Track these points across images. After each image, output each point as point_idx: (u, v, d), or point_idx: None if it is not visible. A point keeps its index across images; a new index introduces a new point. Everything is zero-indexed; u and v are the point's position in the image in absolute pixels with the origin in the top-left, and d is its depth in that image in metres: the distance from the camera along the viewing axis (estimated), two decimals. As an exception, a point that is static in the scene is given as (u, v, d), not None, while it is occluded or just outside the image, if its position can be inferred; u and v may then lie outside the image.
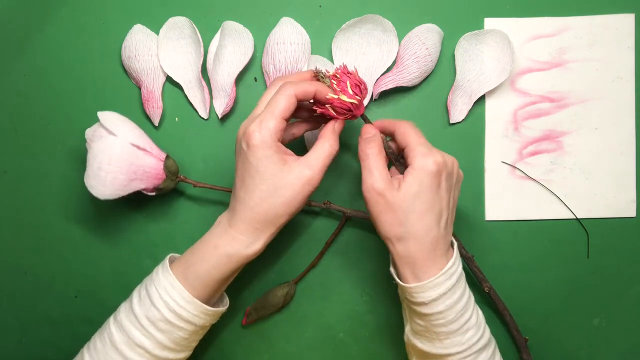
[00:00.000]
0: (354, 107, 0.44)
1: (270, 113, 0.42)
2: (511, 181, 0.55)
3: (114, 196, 0.48)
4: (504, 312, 0.53)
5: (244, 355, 0.56)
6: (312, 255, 0.55)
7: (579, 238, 0.55)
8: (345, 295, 0.56)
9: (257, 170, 0.42)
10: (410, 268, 0.42)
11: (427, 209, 0.41)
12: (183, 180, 0.52)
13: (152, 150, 0.50)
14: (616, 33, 0.54)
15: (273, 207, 0.42)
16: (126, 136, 0.48)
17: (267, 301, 0.54)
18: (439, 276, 0.41)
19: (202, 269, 0.43)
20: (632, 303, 0.55)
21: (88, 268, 0.56)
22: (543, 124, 0.55)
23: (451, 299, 0.42)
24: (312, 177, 0.42)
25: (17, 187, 0.56)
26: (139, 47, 0.54)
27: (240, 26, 0.53)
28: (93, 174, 0.47)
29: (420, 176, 0.41)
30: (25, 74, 0.56)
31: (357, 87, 0.44)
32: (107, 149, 0.47)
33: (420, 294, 0.42)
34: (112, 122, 0.49)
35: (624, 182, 0.55)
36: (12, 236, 0.57)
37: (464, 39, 0.54)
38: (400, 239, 0.42)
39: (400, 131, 0.45)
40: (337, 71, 0.45)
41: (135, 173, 0.49)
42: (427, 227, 0.42)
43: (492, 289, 0.53)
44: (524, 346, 0.53)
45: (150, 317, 0.42)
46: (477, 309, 0.44)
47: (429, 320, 0.42)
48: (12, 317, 0.57)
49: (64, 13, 0.56)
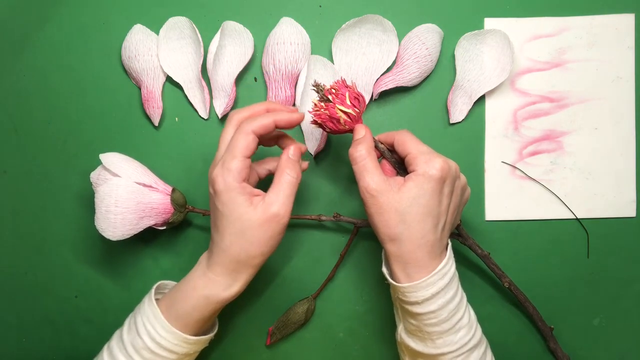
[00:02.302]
0: (353, 118, 0.44)
1: (231, 155, 0.42)
2: (511, 181, 0.55)
3: (125, 236, 0.49)
4: (526, 304, 0.53)
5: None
6: (323, 267, 0.55)
7: (579, 238, 0.55)
8: (345, 295, 0.56)
9: (223, 215, 0.42)
10: (403, 268, 0.42)
11: (425, 213, 0.41)
12: (192, 211, 0.52)
13: (158, 185, 0.51)
14: (616, 33, 0.54)
15: (244, 250, 0.42)
16: (130, 176, 0.49)
17: (288, 319, 0.54)
18: (432, 276, 0.41)
19: (182, 310, 0.43)
20: (632, 303, 0.55)
21: (88, 268, 0.56)
22: (543, 124, 0.55)
23: (443, 299, 0.42)
24: (277, 213, 0.41)
25: (17, 187, 0.56)
26: (139, 47, 0.54)
27: (240, 26, 0.53)
28: (102, 218, 0.48)
29: (421, 181, 0.41)
30: (25, 74, 0.56)
31: (356, 99, 0.44)
32: (113, 192, 0.48)
33: (412, 293, 0.42)
34: (115, 164, 0.49)
35: (624, 182, 0.55)
36: (12, 236, 0.57)
37: (464, 39, 0.54)
38: (395, 239, 0.42)
39: (398, 141, 0.44)
40: (336, 84, 0.44)
41: (144, 211, 0.49)
42: (424, 231, 0.41)
43: (512, 283, 0.52)
44: (550, 335, 0.53)
45: (135, 345, 0.43)
46: (469, 308, 0.44)
47: (421, 320, 0.42)
48: (12, 317, 0.57)
49: (64, 13, 0.56)
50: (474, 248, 0.51)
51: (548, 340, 0.53)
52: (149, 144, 0.56)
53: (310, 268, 0.56)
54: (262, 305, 0.56)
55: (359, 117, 0.45)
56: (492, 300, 0.55)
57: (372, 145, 0.44)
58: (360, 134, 0.44)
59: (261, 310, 0.56)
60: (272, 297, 0.56)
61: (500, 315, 0.55)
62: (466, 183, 0.46)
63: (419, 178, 0.41)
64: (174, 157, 0.56)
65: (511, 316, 0.55)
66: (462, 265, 0.55)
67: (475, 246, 0.52)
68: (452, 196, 0.43)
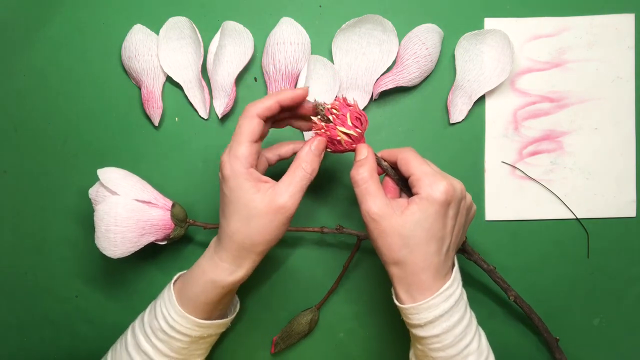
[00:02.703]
0: (354, 139, 0.43)
1: (237, 140, 0.42)
2: (511, 181, 0.55)
3: (125, 254, 0.49)
4: (532, 315, 0.52)
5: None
6: (326, 277, 0.55)
7: (579, 238, 0.55)
8: (346, 295, 0.56)
9: (230, 200, 0.42)
10: (407, 289, 0.41)
11: (429, 237, 0.40)
12: (193, 225, 0.52)
13: (158, 201, 0.50)
14: (616, 33, 0.54)
15: (248, 237, 0.42)
16: (129, 193, 0.48)
17: (292, 330, 0.54)
18: (435, 297, 0.40)
19: (192, 292, 0.44)
20: (632, 303, 0.55)
21: (88, 268, 0.56)
22: (543, 124, 0.55)
23: (448, 322, 0.40)
24: (283, 205, 0.41)
25: (17, 187, 0.56)
26: (139, 47, 0.54)
27: (240, 26, 0.53)
28: (102, 237, 0.48)
29: (425, 205, 0.40)
30: (25, 74, 0.56)
31: (358, 119, 0.43)
32: (112, 210, 0.47)
33: (415, 315, 0.40)
34: (113, 181, 0.48)
35: (624, 182, 0.55)
36: (12, 236, 0.57)
37: (464, 39, 0.54)
38: (398, 263, 0.40)
39: (402, 160, 0.43)
40: (336, 103, 0.43)
41: (144, 228, 0.49)
42: (428, 254, 0.40)
43: (518, 296, 0.52)
44: (556, 346, 0.53)
45: (153, 326, 0.44)
46: (479, 333, 0.42)
47: (426, 344, 0.41)
48: (12, 317, 0.57)
49: (64, 13, 0.56)
50: (480, 263, 0.51)
51: (554, 352, 0.53)
52: (149, 144, 0.56)
53: (313, 278, 0.56)
54: (266, 314, 0.56)
55: (360, 137, 0.43)
56: (495, 315, 0.55)
57: (374, 167, 0.42)
58: (362, 154, 0.43)
59: (266, 319, 0.56)
60: (276, 307, 0.56)
61: (501, 330, 0.55)
62: (472, 201, 0.44)
63: (423, 202, 0.40)
64: (174, 157, 0.56)
65: (517, 328, 0.55)
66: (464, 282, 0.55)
67: (481, 261, 0.51)
68: (457, 217, 0.42)
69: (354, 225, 0.55)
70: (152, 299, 0.47)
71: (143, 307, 0.47)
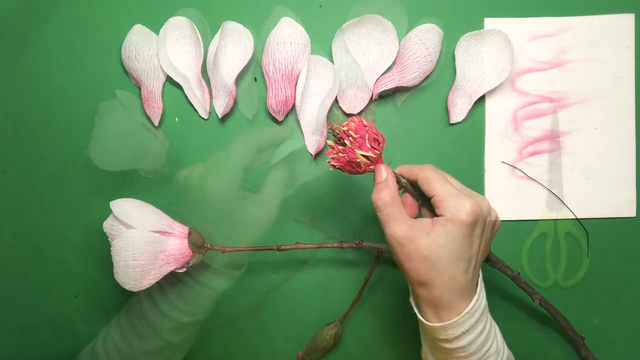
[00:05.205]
0: (373, 160, 0.42)
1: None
2: (511, 181, 0.55)
3: (146, 286, 0.47)
4: (558, 316, 0.52)
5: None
6: (347, 289, 0.56)
7: (579, 238, 0.55)
8: (346, 295, 0.56)
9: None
10: (434, 310, 0.41)
11: (456, 259, 0.39)
12: (211, 249, 0.51)
13: (174, 229, 0.49)
14: (616, 33, 0.54)
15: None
16: (144, 225, 0.46)
17: (317, 344, 0.54)
18: (462, 316, 0.40)
19: None
20: (632, 303, 0.55)
21: (88, 268, 0.56)
22: (543, 124, 0.55)
23: (473, 334, 0.41)
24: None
25: (17, 187, 0.56)
26: (139, 47, 0.54)
27: (240, 26, 0.53)
28: (121, 272, 0.46)
29: (450, 228, 0.39)
30: (25, 74, 0.56)
31: (375, 140, 0.41)
32: (129, 245, 0.46)
33: (442, 332, 0.41)
34: (127, 214, 0.46)
35: (624, 182, 0.55)
36: (12, 236, 0.57)
37: (464, 39, 0.54)
38: (425, 284, 0.40)
39: (423, 180, 0.42)
40: (352, 125, 0.41)
41: (162, 259, 0.47)
42: (455, 276, 0.40)
43: (543, 299, 0.52)
44: (582, 344, 0.54)
45: None
46: (496, 334, 0.43)
47: (451, 353, 0.42)
48: (12, 317, 0.57)
49: (64, 13, 0.56)
50: (504, 270, 0.50)
51: (580, 349, 0.54)
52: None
53: (335, 292, 0.56)
54: (289, 329, 0.56)
55: (379, 157, 0.42)
56: (517, 318, 0.56)
57: (395, 190, 0.41)
58: (382, 176, 0.42)
59: (291, 334, 0.56)
60: (299, 322, 0.56)
61: (524, 332, 0.56)
62: (497, 215, 0.44)
63: (449, 224, 0.39)
64: (173, 157, 0.56)
65: (541, 328, 0.56)
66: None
67: (505, 268, 0.51)
68: (482, 235, 0.41)
69: (373, 239, 0.54)
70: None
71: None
